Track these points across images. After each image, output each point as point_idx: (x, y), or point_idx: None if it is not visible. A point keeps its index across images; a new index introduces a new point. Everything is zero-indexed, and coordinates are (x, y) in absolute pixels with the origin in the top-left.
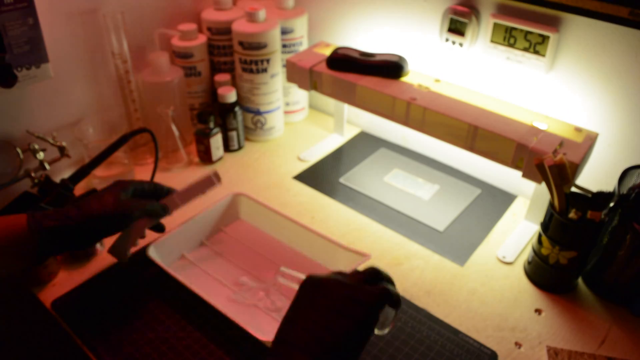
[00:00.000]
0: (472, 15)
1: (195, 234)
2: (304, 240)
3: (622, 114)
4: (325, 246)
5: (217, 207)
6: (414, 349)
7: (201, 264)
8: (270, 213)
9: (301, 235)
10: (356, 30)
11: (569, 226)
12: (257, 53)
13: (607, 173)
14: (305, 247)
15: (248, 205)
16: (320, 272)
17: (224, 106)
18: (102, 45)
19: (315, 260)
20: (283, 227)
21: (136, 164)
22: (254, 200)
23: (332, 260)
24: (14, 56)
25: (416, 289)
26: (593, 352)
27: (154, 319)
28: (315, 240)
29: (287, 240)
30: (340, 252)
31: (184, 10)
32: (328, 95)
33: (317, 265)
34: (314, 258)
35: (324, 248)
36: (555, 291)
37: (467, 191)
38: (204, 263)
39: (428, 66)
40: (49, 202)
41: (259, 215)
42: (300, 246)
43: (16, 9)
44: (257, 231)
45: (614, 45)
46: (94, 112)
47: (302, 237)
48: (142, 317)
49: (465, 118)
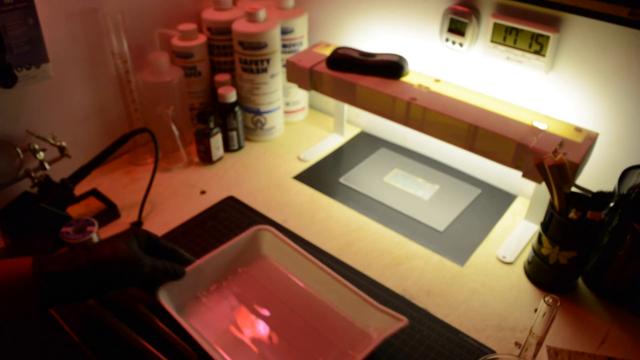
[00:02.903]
0: (472, 15)
1: (212, 273)
2: (332, 290)
3: (622, 114)
4: (356, 302)
5: (237, 243)
6: (414, 349)
7: (215, 308)
8: (296, 255)
9: (329, 285)
10: (356, 30)
11: (569, 226)
12: (257, 53)
13: (607, 173)
14: (334, 299)
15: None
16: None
17: (224, 106)
18: (102, 45)
19: (344, 316)
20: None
21: (136, 164)
22: (279, 237)
23: (364, 319)
24: (14, 56)
25: (416, 289)
26: (593, 352)
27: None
28: (346, 294)
29: (313, 287)
30: (374, 312)
31: (184, 10)
32: (328, 95)
33: (346, 322)
34: (343, 313)
35: (355, 304)
36: (555, 291)
37: (467, 191)
38: (217, 306)
39: (428, 66)
40: (49, 202)
41: (283, 254)
42: (328, 297)
43: (16, 9)
44: (280, 272)
45: (614, 45)
46: (94, 112)
47: (331, 287)
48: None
49: (465, 118)
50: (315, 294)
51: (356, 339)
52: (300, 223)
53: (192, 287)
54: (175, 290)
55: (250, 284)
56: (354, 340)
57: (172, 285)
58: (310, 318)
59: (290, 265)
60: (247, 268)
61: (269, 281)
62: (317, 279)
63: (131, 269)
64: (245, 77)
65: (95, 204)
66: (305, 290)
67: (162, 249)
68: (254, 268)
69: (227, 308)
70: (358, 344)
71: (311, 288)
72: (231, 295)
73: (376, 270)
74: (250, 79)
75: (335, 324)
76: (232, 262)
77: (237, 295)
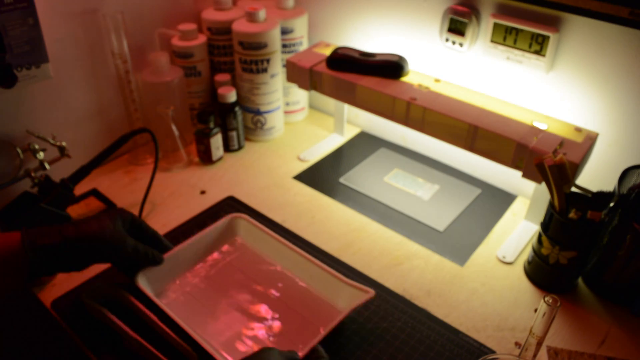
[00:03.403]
0: (472, 15)
1: (190, 258)
2: (304, 270)
3: (623, 114)
4: (327, 279)
5: (213, 230)
6: (414, 349)
7: (193, 292)
8: (269, 238)
9: (301, 265)
10: (356, 30)
11: (569, 226)
12: (257, 53)
13: (607, 173)
14: (306, 277)
15: (246, 228)
16: (322, 306)
17: (224, 106)
18: (102, 45)
19: (316, 294)
20: (283, 254)
21: (136, 164)
22: (253, 224)
23: (333, 294)
24: (14, 56)
25: (416, 289)
26: (593, 352)
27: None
28: (316, 272)
29: (287, 268)
30: (343, 286)
31: (184, 10)
32: (328, 95)
33: (317, 299)
34: (315, 291)
35: (326, 281)
36: (555, 291)
37: (467, 191)
38: (195, 290)
39: (428, 66)
40: (49, 202)
41: (257, 240)
42: (301, 276)
43: (16, 9)
44: (256, 256)
45: (614, 45)
46: (94, 112)
47: (303, 267)
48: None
49: (465, 118)
50: (289, 275)
51: (328, 314)
52: (300, 223)
53: (170, 273)
54: (153, 276)
55: (226, 268)
56: (325, 316)
57: (150, 270)
58: (285, 298)
59: (265, 250)
60: (223, 254)
61: (245, 265)
62: (291, 261)
63: (114, 246)
64: (245, 77)
65: (95, 204)
66: (280, 272)
67: (145, 233)
68: (231, 254)
69: (204, 292)
70: (328, 318)
71: (286, 270)
72: (208, 279)
73: (376, 270)
74: (250, 79)
75: (308, 302)
76: (209, 248)
77: (213, 280)
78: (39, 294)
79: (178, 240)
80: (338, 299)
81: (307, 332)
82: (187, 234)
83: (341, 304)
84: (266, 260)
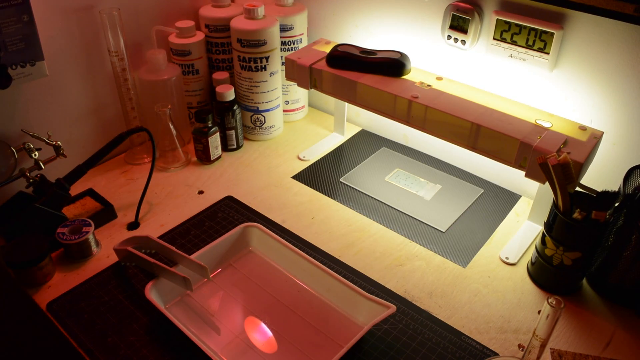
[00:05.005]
0: (475, 12)
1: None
2: (321, 282)
3: (628, 112)
4: (345, 292)
5: (226, 240)
6: (416, 352)
7: (205, 303)
8: (284, 249)
9: (318, 277)
10: (357, 27)
11: (573, 226)
12: (256, 50)
13: (612, 172)
14: (323, 290)
15: (260, 238)
16: (340, 321)
17: (222, 104)
18: (99, 43)
19: (333, 307)
20: (298, 266)
21: (133, 163)
22: (267, 233)
23: (352, 308)
24: (9, 54)
25: (418, 291)
26: (598, 355)
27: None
28: (334, 285)
29: (302, 280)
30: (362, 301)
31: (181, 7)
32: (328, 93)
33: (334, 312)
34: (332, 304)
35: (344, 294)
36: (559, 293)
37: (470, 191)
38: (207, 302)
39: (430, 64)
40: (44, 202)
41: (270, 250)
42: (317, 288)
43: (11, 5)
44: (269, 266)
45: (619, 42)
46: (90, 111)
47: (319, 279)
48: (138, 320)
49: (467, 116)
50: (304, 286)
51: (345, 328)
52: (300, 223)
53: (181, 284)
54: (163, 288)
55: (239, 278)
56: (343, 330)
57: (161, 282)
58: (300, 310)
59: (278, 260)
60: (236, 264)
61: (258, 275)
62: (305, 272)
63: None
64: (244, 75)
65: (92, 204)
66: (294, 282)
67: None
68: (243, 263)
69: (216, 303)
70: (347, 333)
71: (300, 280)
72: (220, 290)
73: (377, 272)
74: (249, 77)
75: (324, 314)
76: (221, 258)
77: (226, 290)
78: (34, 295)
79: (175, 241)
80: (357, 314)
81: (325, 348)
82: (185, 235)
83: (360, 318)
84: (280, 271)
